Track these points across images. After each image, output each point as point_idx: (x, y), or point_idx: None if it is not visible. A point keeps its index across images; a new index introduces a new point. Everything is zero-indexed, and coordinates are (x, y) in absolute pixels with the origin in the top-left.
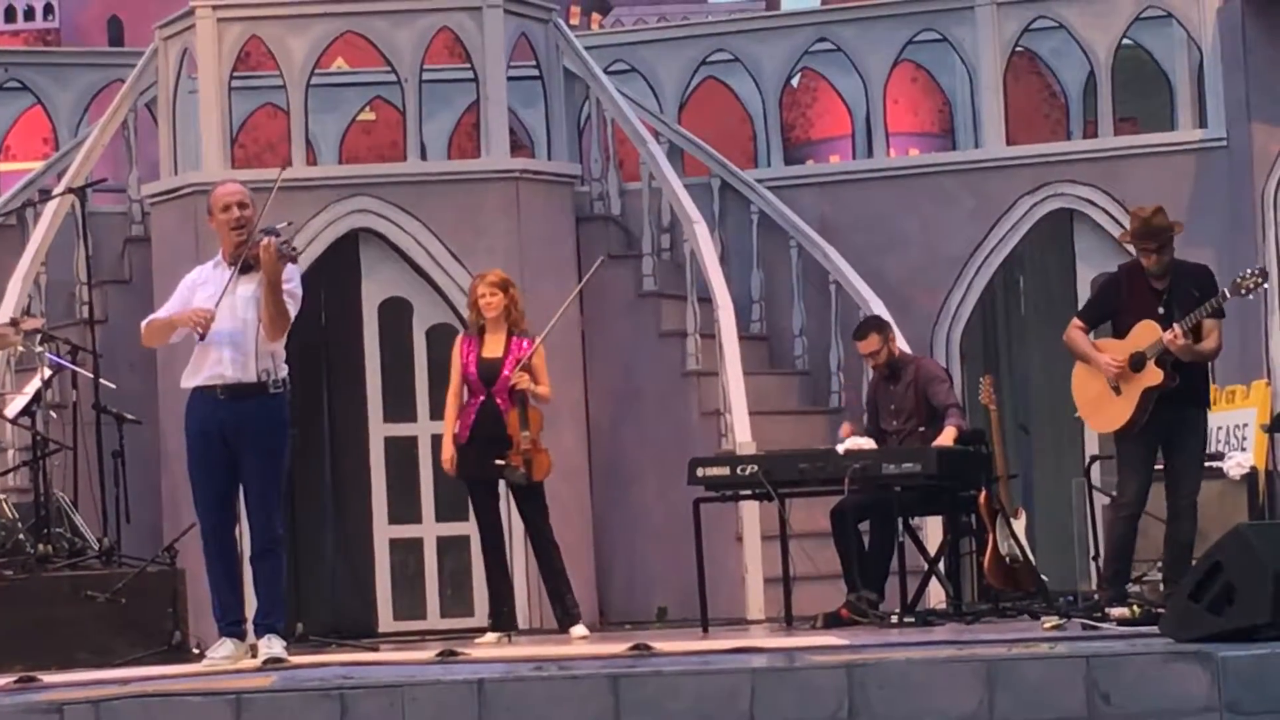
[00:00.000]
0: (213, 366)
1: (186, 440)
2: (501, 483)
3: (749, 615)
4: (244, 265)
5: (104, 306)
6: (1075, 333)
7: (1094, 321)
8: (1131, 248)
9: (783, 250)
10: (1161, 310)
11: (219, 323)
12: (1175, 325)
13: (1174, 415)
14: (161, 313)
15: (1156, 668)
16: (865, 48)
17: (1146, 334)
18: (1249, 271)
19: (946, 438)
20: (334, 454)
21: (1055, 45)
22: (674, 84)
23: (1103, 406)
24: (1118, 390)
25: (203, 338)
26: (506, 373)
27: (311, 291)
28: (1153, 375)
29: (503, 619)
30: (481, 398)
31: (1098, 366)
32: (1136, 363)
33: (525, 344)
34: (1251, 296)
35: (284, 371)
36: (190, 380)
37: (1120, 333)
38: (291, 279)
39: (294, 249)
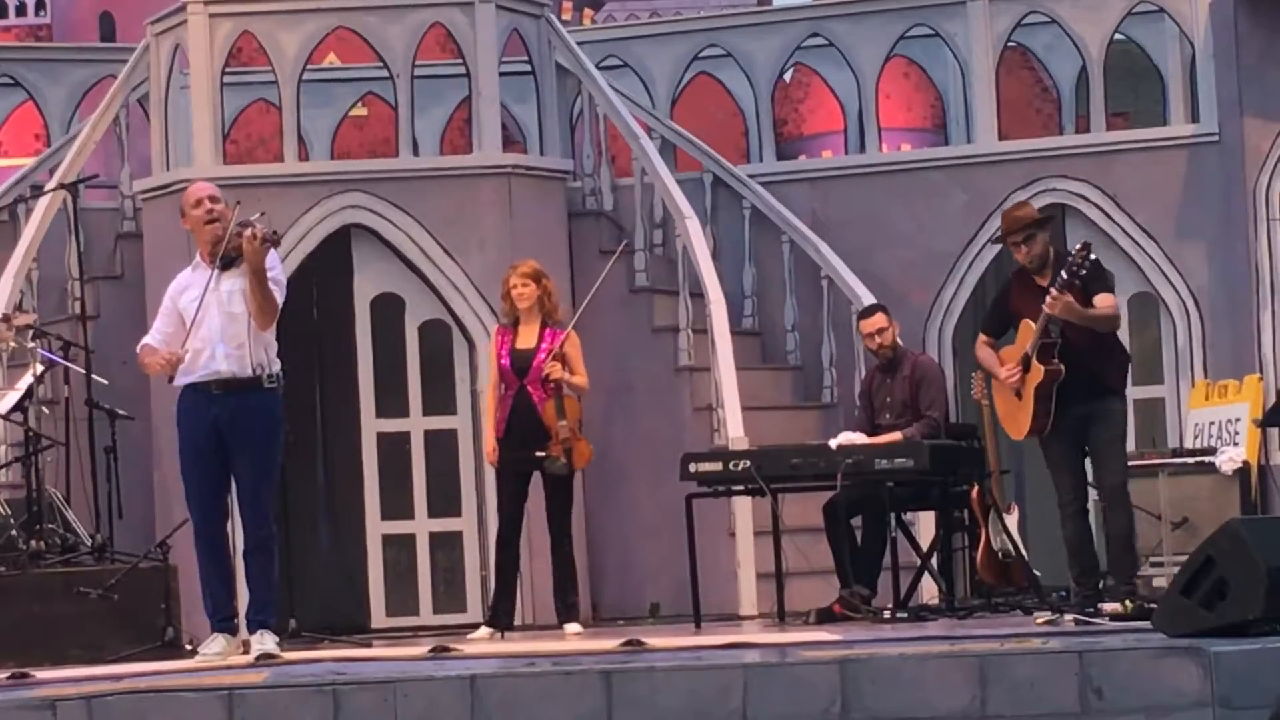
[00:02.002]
0: (206, 364)
1: (179, 436)
2: (533, 478)
3: (741, 611)
4: (224, 262)
5: (96, 302)
6: (980, 348)
7: (994, 330)
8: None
9: (775, 245)
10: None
11: (209, 321)
12: (1051, 290)
13: (1084, 409)
14: (151, 336)
15: (1149, 663)
16: (857, 43)
17: (1027, 334)
18: (1074, 249)
19: (892, 436)
20: (326, 449)
21: (1047, 40)
22: (666, 79)
23: (1013, 414)
24: (1019, 395)
25: (171, 380)
26: (538, 363)
27: (303, 287)
28: (1036, 372)
29: (500, 616)
30: (515, 389)
31: (1000, 379)
32: (1025, 363)
33: (558, 334)
34: (1084, 272)
35: (277, 365)
36: (184, 378)
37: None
38: (274, 266)
39: (275, 233)
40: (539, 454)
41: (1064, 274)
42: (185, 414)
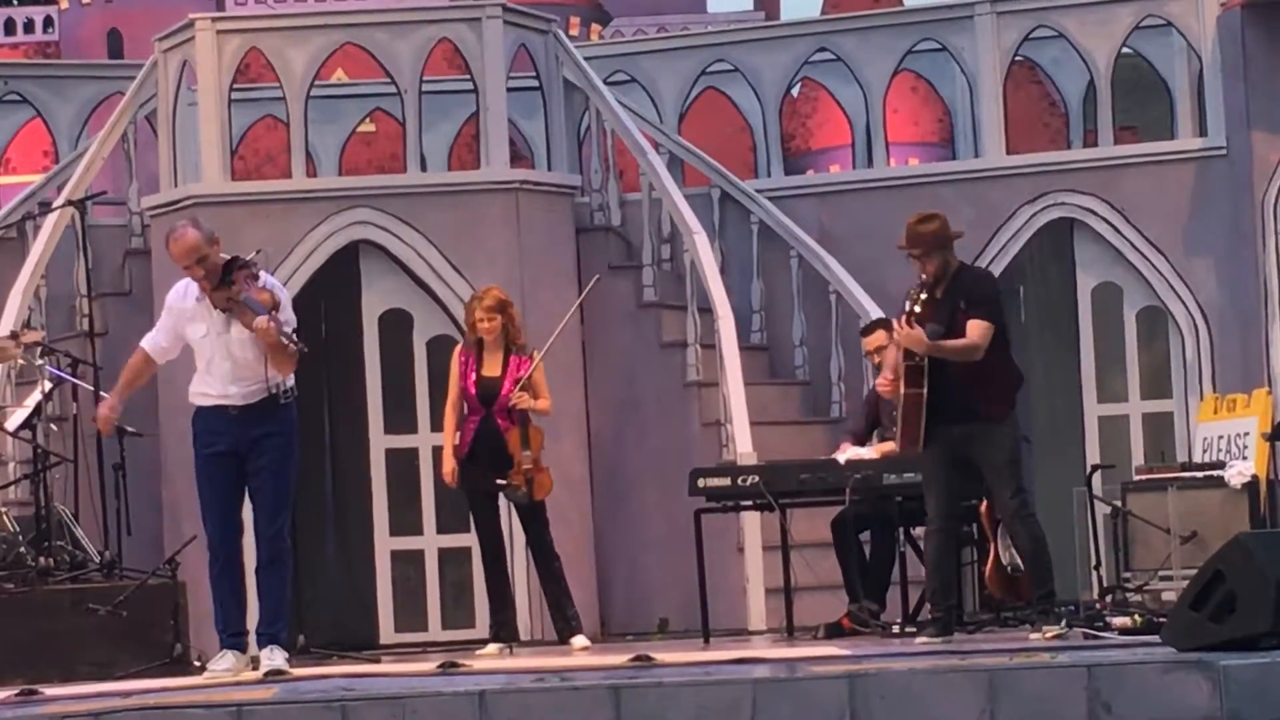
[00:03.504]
0: (220, 399)
1: (195, 453)
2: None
3: (750, 626)
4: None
5: (104, 319)
6: (889, 354)
7: None
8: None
9: (783, 260)
10: (928, 324)
11: (219, 362)
12: (899, 318)
13: (963, 429)
14: (149, 340)
15: (1158, 677)
16: (865, 57)
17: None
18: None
19: (886, 447)
20: (335, 466)
21: (1055, 54)
22: (674, 94)
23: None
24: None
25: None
26: (506, 392)
27: (312, 303)
28: (901, 394)
29: (504, 630)
30: (480, 416)
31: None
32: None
33: (524, 362)
34: (917, 309)
35: (291, 380)
36: (201, 401)
37: None
38: (283, 308)
39: (294, 337)
40: (500, 482)
41: (906, 305)
42: (202, 431)
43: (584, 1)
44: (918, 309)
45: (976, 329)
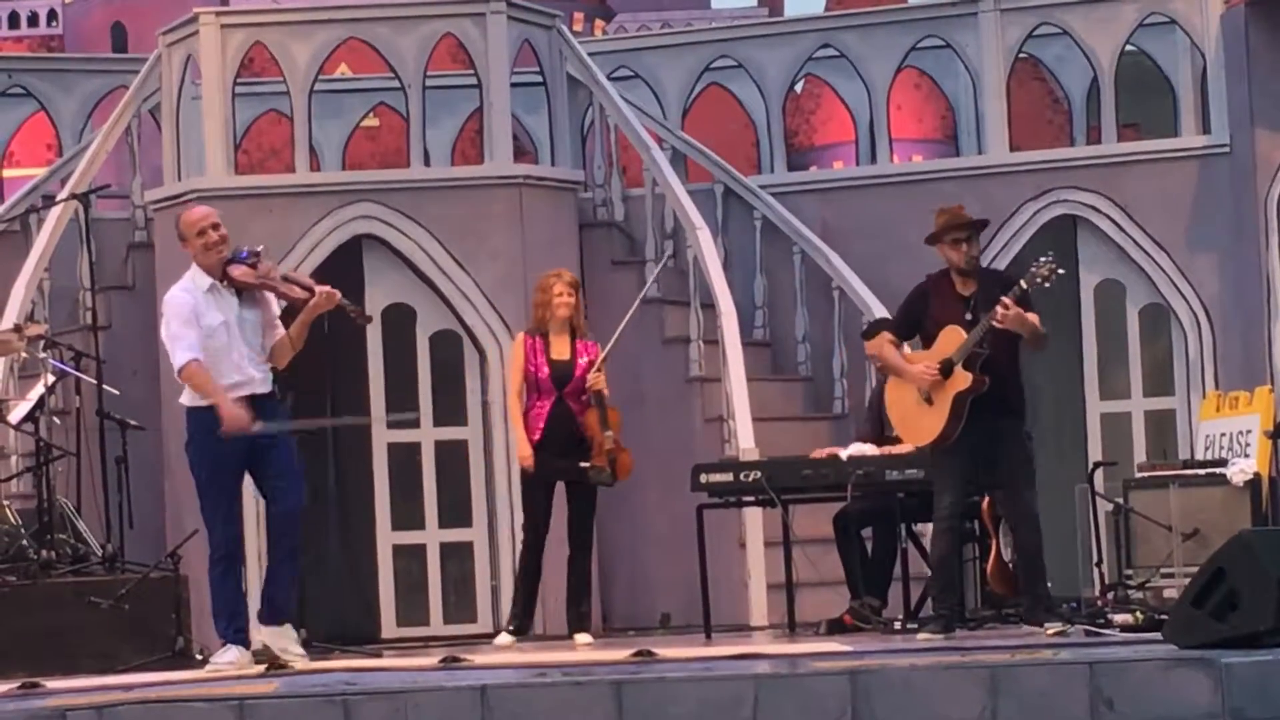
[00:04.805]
0: (244, 387)
1: (211, 453)
2: (558, 487)
3: (752, 621)
4: (238, 287)
5: (107, 312)
6: (886, 347)
7: (904, 333)
8: (944, 253)
9: (786, 256)
10: (969, 316)
11: (236, 346)
12: (1003, 297)
13: (988, 426)
14: (198, 352)
15: (1160, 674)
16: (868, 54)
17: (953, 339)
18: (1042, 260)
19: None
20: (337, 460)
21: (1059, 51)
22: (677, 90)
23: (917, 419)
24: (929, 400)
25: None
26: (579, 375)
27: None
28: (962, 379)
29: (525, 620)
30: (553, 399)
31: (910, 377)
32: (946, 369)
33: (589, 346)
34: (1049, 285)
35: None
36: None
37: (928, 343)
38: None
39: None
40: (583, 465)
41: (1022, 284)
42: (219, 434)
43: None
44: (1019, 291)
45: (1038, 320)
